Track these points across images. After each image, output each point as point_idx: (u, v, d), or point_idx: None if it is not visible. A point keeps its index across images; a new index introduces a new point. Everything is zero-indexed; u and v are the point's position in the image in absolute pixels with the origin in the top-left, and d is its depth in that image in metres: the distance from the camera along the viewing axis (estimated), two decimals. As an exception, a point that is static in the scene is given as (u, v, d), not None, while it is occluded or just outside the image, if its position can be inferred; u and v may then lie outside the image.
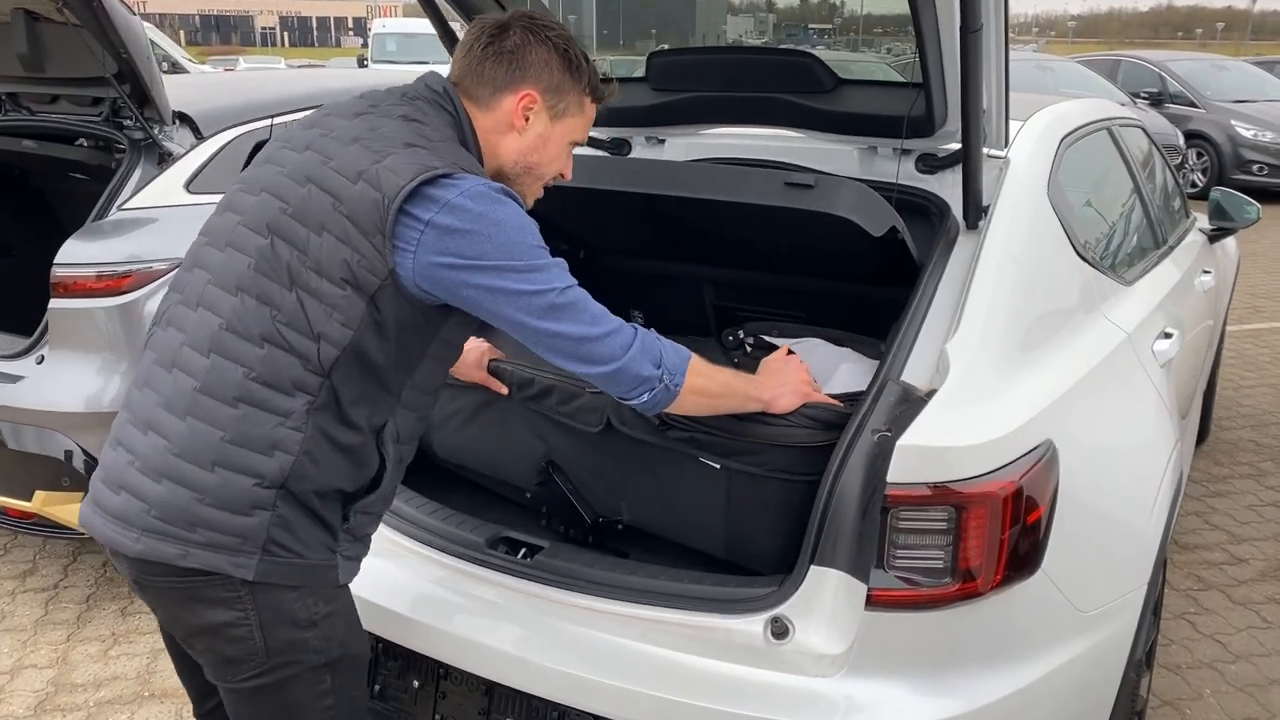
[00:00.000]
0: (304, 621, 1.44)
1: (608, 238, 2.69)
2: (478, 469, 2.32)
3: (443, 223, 1.35)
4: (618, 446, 1.95)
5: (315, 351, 1.38)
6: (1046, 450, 1.62)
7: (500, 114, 1.52)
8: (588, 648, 1.67)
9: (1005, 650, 1.60)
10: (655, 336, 1.53)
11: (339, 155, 1.41)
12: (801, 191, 1.79)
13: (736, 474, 1.80)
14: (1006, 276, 1.87)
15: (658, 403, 1.51)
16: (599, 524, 2.09)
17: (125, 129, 3.23)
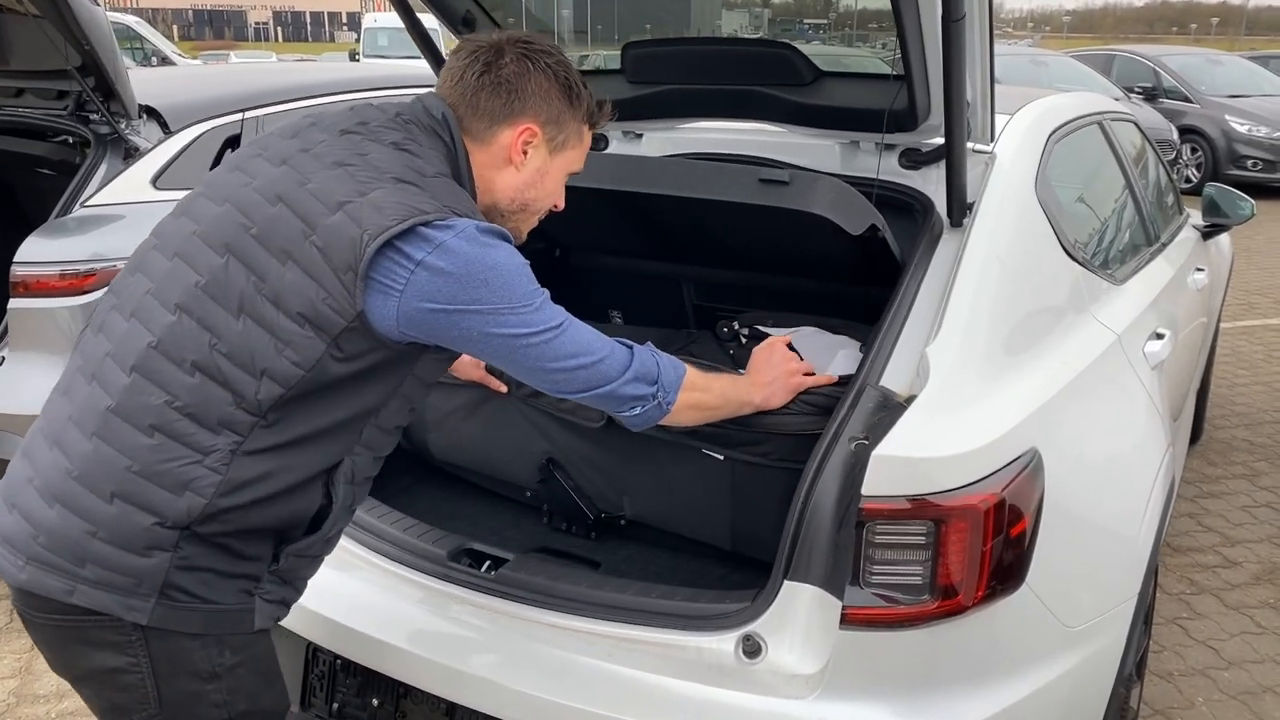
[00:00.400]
0: (204, 673, 1.31)
1: (583, 236, 2.61)
2: (476, 468, 2.28)
3: (436, 264, 1.25)
4: (619, 442, 1.93)
5: (254, 389, 1.25)
6: (1031, 459, 1.55)
7: (497, 148, 1.43)
8: (552, 668, 1.59)
9: (988, 669, 1.52)
10: (652, 353, 1.49)
11: (319, 178, 1.30)
12: (776, 188, 1.71)
13: (740, 465, 1.80)
14: (991, 276, 1.80)
15: (648, 418, 1.48)
16: (601, 520, 2.07)
17: (91, 123, 3.15)
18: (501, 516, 2.22)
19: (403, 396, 1.41)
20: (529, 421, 2.06)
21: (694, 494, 1.91)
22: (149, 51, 14.89)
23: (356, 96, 3.73)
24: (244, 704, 1.35)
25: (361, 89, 3.74)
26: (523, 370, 1.38)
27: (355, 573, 1.83)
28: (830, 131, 2.23)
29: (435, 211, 1.27)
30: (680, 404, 1.50)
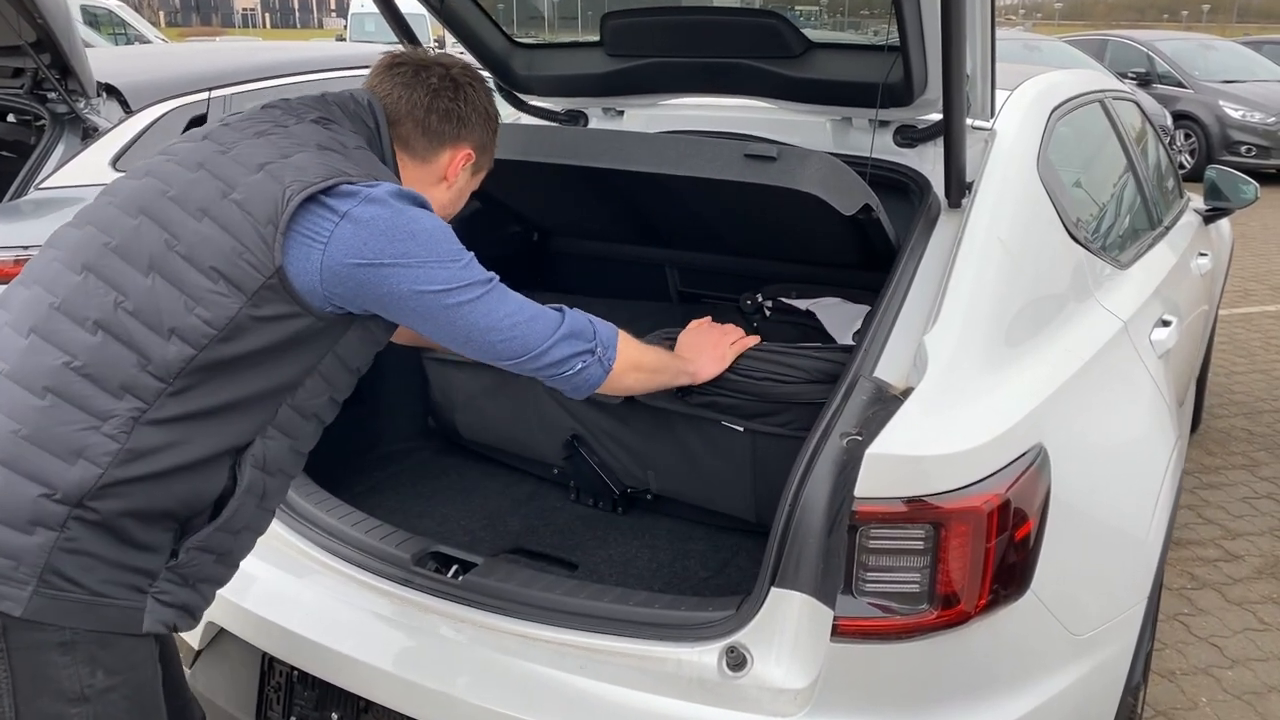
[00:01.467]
0: (71, 694, 1.19)
1: (560, 218, 2.48)
2: (503, 447, 2.31)
3: (361, 215, 1.23)
4: (641, 417, 1.96)
5: (161, 350, 1.18)
6: (1037, 456, 1.44)
7: (435, 167, 1.47)
8: (520, 683, 1.48)
9: (990, 683, 1.41)
10: (580, 313, 1.47)
11: (239, 146, 1.30)
12: (763, 164, 1.59)
13: (761, 436, 1.81)
14: (992, 260, 1.68)
15: (591, 376, 1.44)
16: (627, 494, 2.10)
17: (48, 102, 3.01)
18: (473, 516, 2.11)
19: (321, 377, 1.34)
20: (553, 399, 2.07)
21: (716, 467, 1.92)
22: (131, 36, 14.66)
23: (324, 76, 3.59)
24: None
25: (327, 69, 3.61)
26: (455, 336, 1.33)
27: (313, 578, 1.71)
28: (821, 107, 2.11)
29: (360, 175, 1.27)
30: (622, 363, 1.47)
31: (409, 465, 2.33)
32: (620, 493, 2.10)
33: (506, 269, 2.64)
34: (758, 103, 2.22)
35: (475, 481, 2.28)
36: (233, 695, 1.78)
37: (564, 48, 2.35)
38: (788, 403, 1.78)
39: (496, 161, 1.61)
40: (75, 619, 1.18)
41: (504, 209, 2.46)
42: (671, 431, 1.95)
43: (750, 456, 1.86)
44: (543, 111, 2.45)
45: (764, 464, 1.84)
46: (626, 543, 2.02)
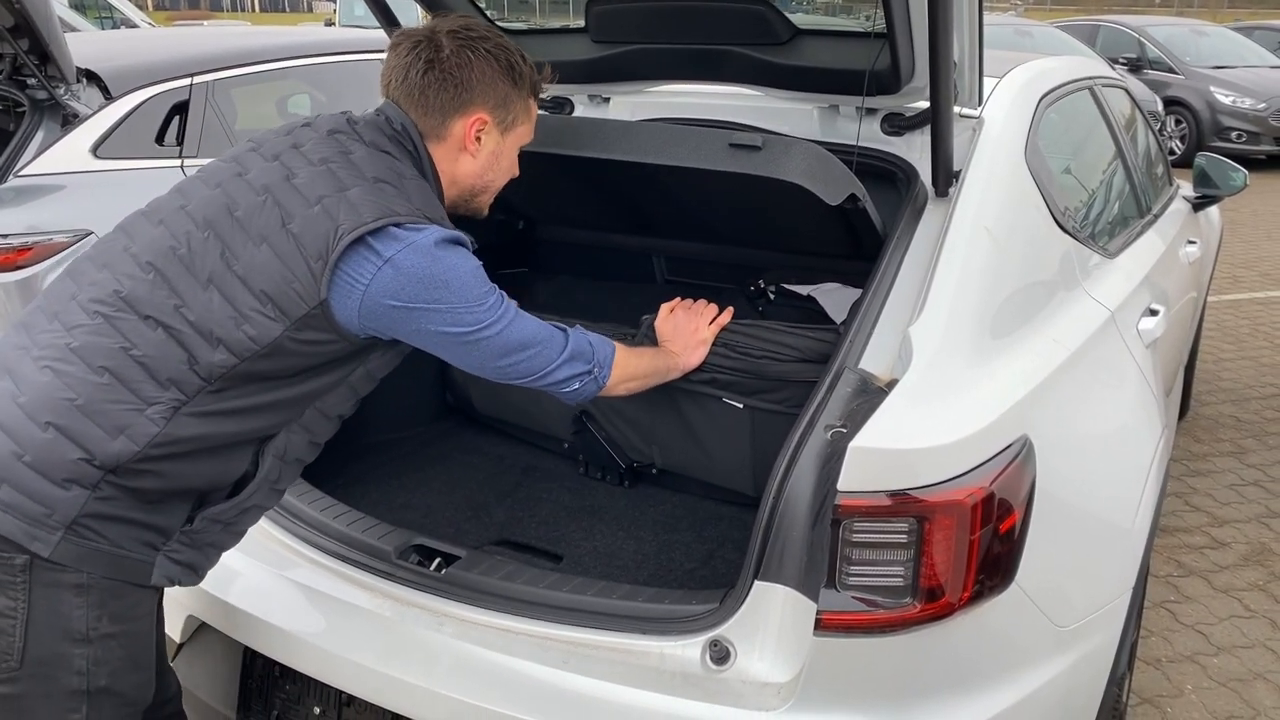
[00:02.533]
0: (78, 634, 1.30)
1: (546, 206, 2.46)
2: (516, 421, 2.39)
3: (403, 263, 1.33)
4: (646, 394, 1.97)
5: (208, 355, 1.31)
6: (1022, 448, 1.43)
7: (452, 141, 1.49)
8: (502, 677, 1.47)
9: (975, 676, 1.41)
10: (583, 333, 1.58)
11: (304, 174, 1.38)
12: (747, 154, 1.57)
13: (759, 412, 1.86)
14: (979, 250, 1.67)
15: (585, 393, 1.57)
16: (634, 469, 2.18)
17: (27, 88, 2.97)
18: (458, 508, 2.09)
19: (350, 386, 1.48)
20: None
21: (718, 442, 1.99)
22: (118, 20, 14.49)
23: (311, 62, 3.55)
24: (105, 679, 1.34)
25: (311, 54, 3.56)
26: (472, 364, 1.45)
27: (295, 571, 1.69)
28: (808, 94, 2.09)
29: (408, 214, 1.35)
30: (615, 377, 1.60)
31: (395, 455, 2.32)
32: (626, 466, 2.17)
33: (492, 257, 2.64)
34: (744, 90, 2.20)
35: (461, 473, 2.27)
36: (214, 689, 1.77)
37: (549, 34, 2.32)
38: (784, 380, 1.82)
39: None
40: (94, 565, 1.29)
41: (491, 198, 2.44)
42: (675, 408, 2.01)
43: (750, 432, 1.91)
44: (528, 98, 2.42)
45: (762, 440, 1.89)
46: (611, 534, 2.01)
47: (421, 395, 2.47)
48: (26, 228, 2.69)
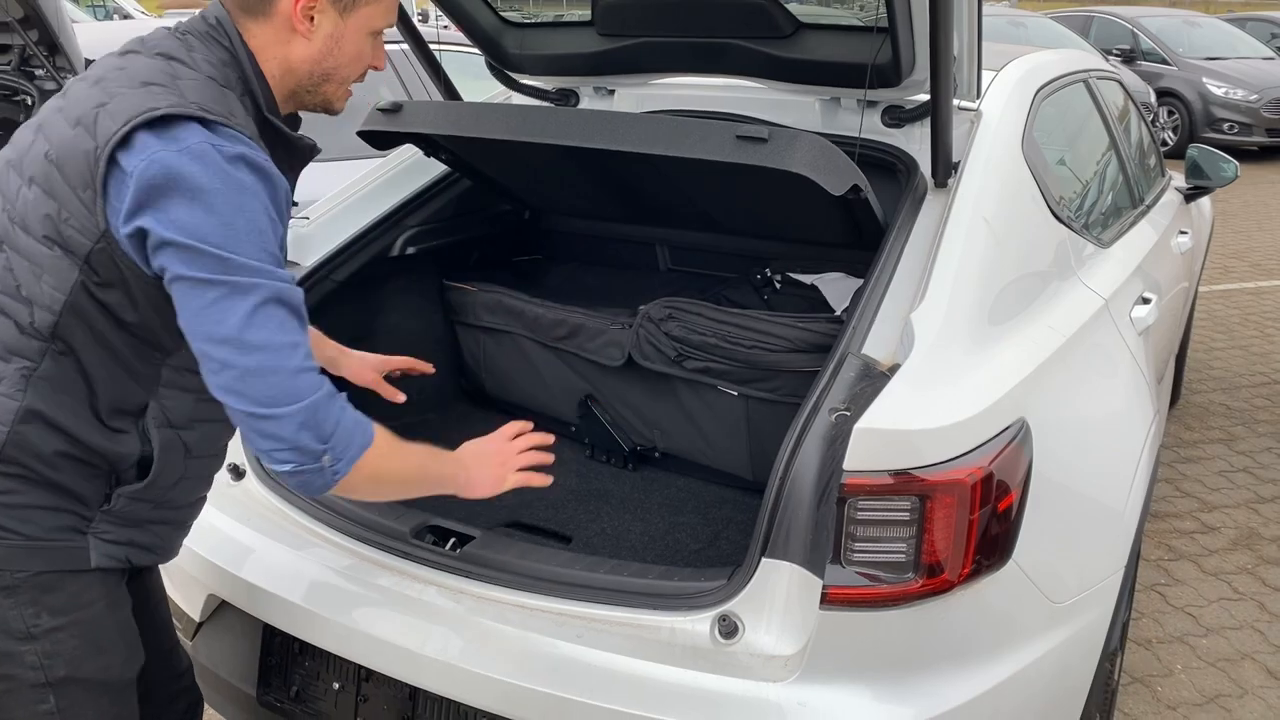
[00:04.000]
0: (19, 633, 1.26)
1: (552, 197, 2.51)
2: (525, 405, 2.45)
3: (147, 177, 1.13)
4: (643, 380, 2.11)
5: (29, 317, 1.22)
6: (1019, 430, 1.48)
7: (280, 19, 1.29)
8: (519, 651, 1.52)
9: (973, 649, 1.47)
10: (342, 408, 1.24)
11: (75, 96, 1.24)
12: (754, 145, 1.62)
13: (754, 400, 1.95)
14: (977, 239, 1.72)
15: (307, 483, 1.22)
16: (637, 452, 2.26)
17: (36, 79, 3.00)
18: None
19: None
20: (563, 362, 2.25)
21: (715, 428, 2.08)
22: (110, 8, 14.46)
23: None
24: (63, 669, 1.29)
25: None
26: (189, 321, 1.18)
27: (313, 552, 1.74)
28: (810, 87, 2.14)
29: (169, 106, 1.15)
30: (361, 475, 1.26)
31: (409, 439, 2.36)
32: (630, 450, 2.24)
33: (498, 247, 2.69)
34: (747, 82, 2.24)
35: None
36: (234, 666, 1.82)
37: (555, 26, 2.36)
38: (776, 370, 1.89)
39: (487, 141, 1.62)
40: (16, 563, 1.23)
41: (495, 187, 2.48)
42: (673, 394, 2.08)
43: (745, 419, 1.98)
44: (534, 90, 2.46)
45: (758, 426, 1.96)
46: (618, 516, 2.07)
47: (435, 381, 2.51)
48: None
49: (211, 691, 1.91)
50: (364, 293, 2.28)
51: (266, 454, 1.19)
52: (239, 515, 1.84)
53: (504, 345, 2.40)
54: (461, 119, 1.90)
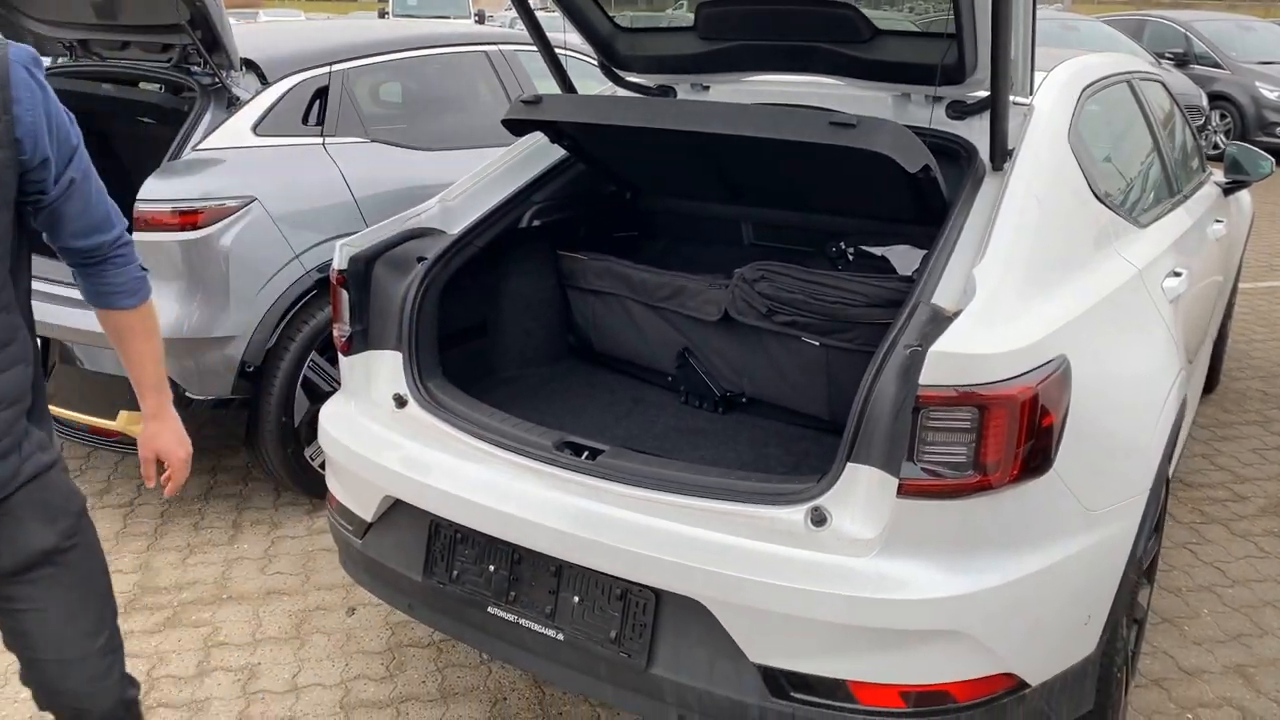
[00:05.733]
0: None
1: (654, 179, 2.87)
2: (628, 358, 2.86)
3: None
4: (735, 333, 2.48)
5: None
6: (1061, 364, 1.82)
7: None
8: (647, 531, 1.89)
9: (1019, 538, 1.80)
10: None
11: None
12: (845, 130, 1.97)
13: (833, 349, 2.30)
14: (1029, 212, 2.05)
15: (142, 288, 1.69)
16: (727, 397, 2.61)
17: (194, 74, 3.42)
18: (584, 426, 2.51)
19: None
20: (664, 320, 2.62)
21: (798, 374, 2.43)
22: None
23: (431, 52, 3.99)
24: None
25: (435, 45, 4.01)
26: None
27: (471, 459, 2.12)
28: (884, 84, 2.48)
29: None
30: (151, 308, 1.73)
31: (522, 390, 2.75)
32: (721, 395, 2.60)
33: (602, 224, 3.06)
34: (827, 80, 2.59)
35: (580, 402, 2.69)
36: (401, 557, 2.21)
37: (661, 31, 2.72)
38: (854, 322, 2.23)
39: (606, 128, 1.97)
40: None
41: (605, 170, 2.86)
42: (762, 345, 2.44)
43: (825, 366, 2.32)
44: (637, 86, 2.83)
45: (836, 372, 2.31)
46: (714, 447, 2.43)
47: (544, 337, 2.90)
48: (200, 194, 3.14)
49: (378, 582, 2.31)
50: (495, 258, 2.67)
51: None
52: (406, 434, 2.23)
53: (611, 306, 2.77)
54: (594, 109, 2.27)
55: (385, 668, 2.70)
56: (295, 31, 3.87)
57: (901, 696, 1.77)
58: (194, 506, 3.57)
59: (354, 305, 2.36)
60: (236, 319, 3.19)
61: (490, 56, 4.24)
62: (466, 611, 2.11)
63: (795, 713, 1.80)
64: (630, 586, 1.91)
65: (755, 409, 2.60)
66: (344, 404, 2.42)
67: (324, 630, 2.87)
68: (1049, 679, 1.90)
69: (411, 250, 2.43)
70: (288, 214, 3.29)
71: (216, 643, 2.82)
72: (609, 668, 1.94)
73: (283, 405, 3.30)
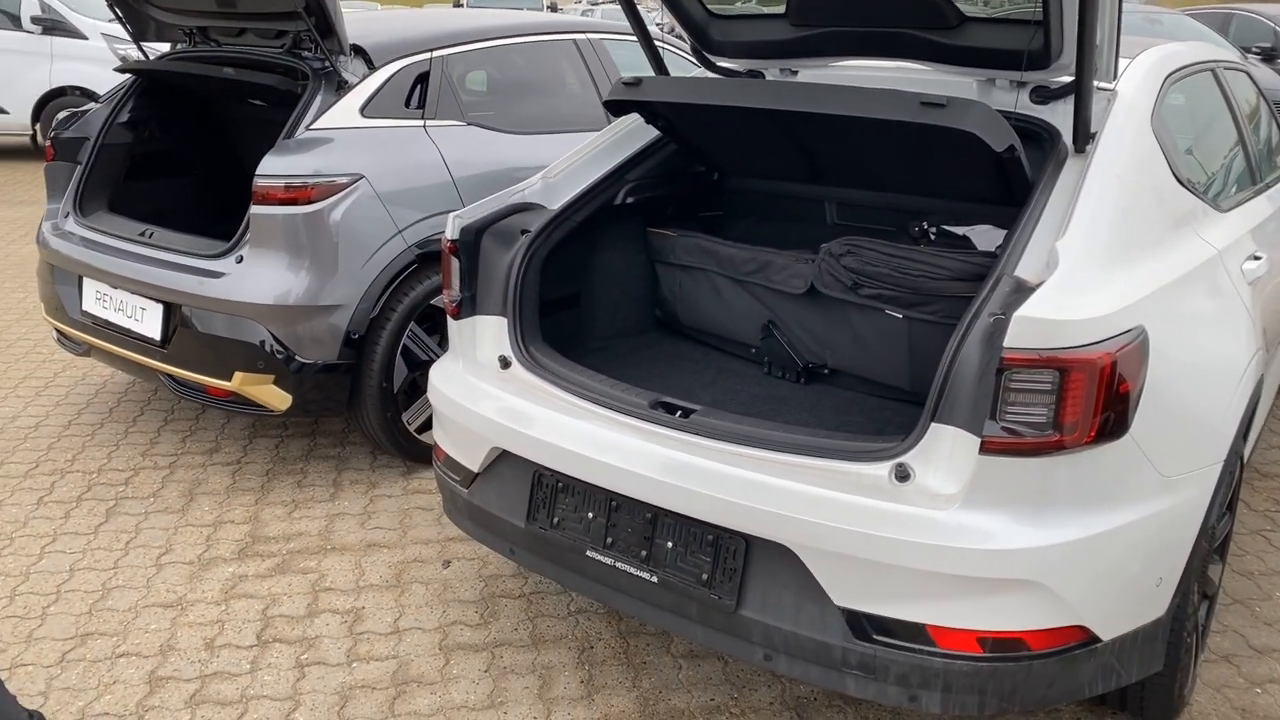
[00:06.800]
0: None
1: (742, 159, 3.00)
2: (713, 330, 2.99)
3: None
4: (821, 306, 2.61)
5: None
6: (1139, 334, 1.91)
7: None
8: (740, 482, 2.03)
9: (1094, 497, 1.90)
10: None
11: None
12: (935, 109, 2.08)
13: (916, 322, 2.42)
14: (1111, 192, 2.14)
15: None
16: (809, 368, 2.75)
17: (305, 59, 3.64)
18: (673, 391, 2.66)
19: None
20: (750, 293, 2.77)
21: (881, 346, 2.55)
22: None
23: (523, 40, 4.17)
24: None
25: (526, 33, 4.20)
26: None
27: (573, 415, 2.28)
28: (969, 69, 2.57)
29: None
30: None
31: (611, 358, 2.90)
32: (803, 366, 2.73)
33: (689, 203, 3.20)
34: (911, 65, 2.69)
35: (667, 370, 2.84)
36: (505, 504, 2.38)
37: (753, 18, 2.85)
38: (937, 295, 2.33)
39: (700, 108, 2.08)
40: None
41: (695, 151, 3.00)
42: (845, 318, 2.56)
43: (907, 338, 2.42)
44: (727, 71, 2.97)
45: (918, 344, 2.41)
46: (797, 414, 2.56)
47: (632, 309, 3.06)
48: (313, 171, 3.36)
49: (481, 528, 2.49)
50: (591, 233, 2.83)
51: None
52: (511, 392, 2.41)
53: (698, 280, 2.91)
54: (694, 89, 2.41)
55: (480, 615, 2.89)
56: (398, 19, 4.08)
57: (978, 642, 1.88)
58: (296, 466, 3.81)
59: (464, 273, 2.54)
60: (343, 289, 3.40)
61: (578, 44, 4.41)
62: (565, 555, 2.27)
63: (876, 654, 1.92)
64: (722, 533, 2.06)
65: (836, 379, 2.72)
66: (452, 364, 2.60)
67: (422, 580, 3.06)
68: (1120, 635, 1.99)
69: (516, 223, 2.60)
70: (392, 192, 3.49)
71: (323, 588, 3.03)
72: (700, 609, 2.09)
73: (384, 371, 3.51)
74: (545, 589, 3.01)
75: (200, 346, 3.46)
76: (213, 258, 3.45)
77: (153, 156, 4.24)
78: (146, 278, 3.52)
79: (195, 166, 4.42)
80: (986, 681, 1.89)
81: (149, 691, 2.56)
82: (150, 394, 4.47)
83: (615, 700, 2.54)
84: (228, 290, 3.38)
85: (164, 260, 3.54)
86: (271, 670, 2.66)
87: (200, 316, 3.46)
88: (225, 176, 4.49)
